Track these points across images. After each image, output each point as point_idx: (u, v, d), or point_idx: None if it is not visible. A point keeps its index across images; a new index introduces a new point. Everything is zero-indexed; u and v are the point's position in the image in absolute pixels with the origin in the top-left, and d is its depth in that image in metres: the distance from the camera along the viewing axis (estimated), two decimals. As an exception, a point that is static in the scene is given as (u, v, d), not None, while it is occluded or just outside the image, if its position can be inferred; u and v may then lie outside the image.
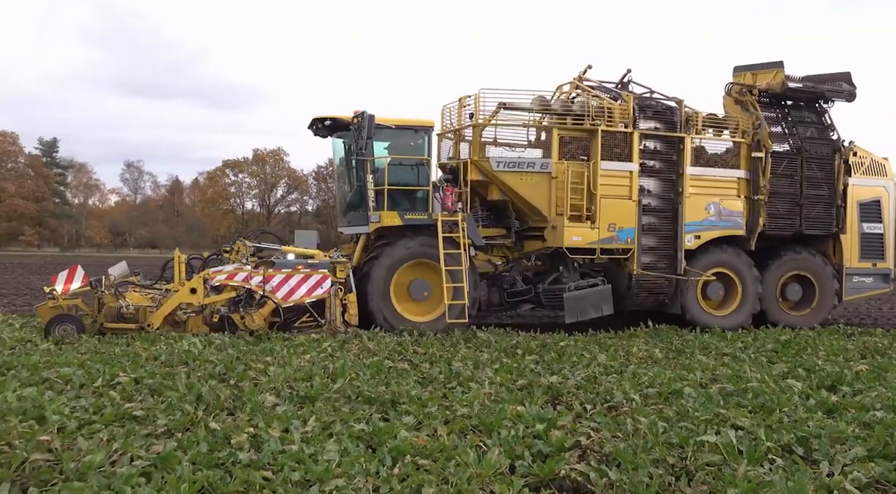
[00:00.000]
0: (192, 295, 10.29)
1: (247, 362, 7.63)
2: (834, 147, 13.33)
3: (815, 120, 13.59)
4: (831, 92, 13.38)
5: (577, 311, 11.84)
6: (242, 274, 10.55)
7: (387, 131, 11.85)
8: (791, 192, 13.00)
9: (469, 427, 5.22)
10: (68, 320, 9.76)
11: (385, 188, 11.49)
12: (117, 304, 10.02)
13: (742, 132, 12.90)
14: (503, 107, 11.86)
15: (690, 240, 12.36)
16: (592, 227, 11.78)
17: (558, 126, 12.06)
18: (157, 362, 7.54)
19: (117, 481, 3.85)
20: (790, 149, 13.12)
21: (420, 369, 7.62)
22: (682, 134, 12.41)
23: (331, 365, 7.50)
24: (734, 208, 12.65)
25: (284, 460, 4.23)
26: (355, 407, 5.78)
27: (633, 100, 12.34)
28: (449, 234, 11.40)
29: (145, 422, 5.13)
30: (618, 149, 12.11)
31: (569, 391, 6.51)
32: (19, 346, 8.53)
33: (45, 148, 72.58)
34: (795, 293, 13.14)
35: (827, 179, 13.16)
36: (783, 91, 13.03)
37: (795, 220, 12.99)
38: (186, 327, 10.29)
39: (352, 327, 10.81)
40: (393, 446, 4.52)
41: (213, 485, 3.89)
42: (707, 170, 12.73)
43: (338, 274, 11.00)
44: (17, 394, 5.65)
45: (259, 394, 6.00)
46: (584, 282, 12.15)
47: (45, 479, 4.01)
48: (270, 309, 10.54)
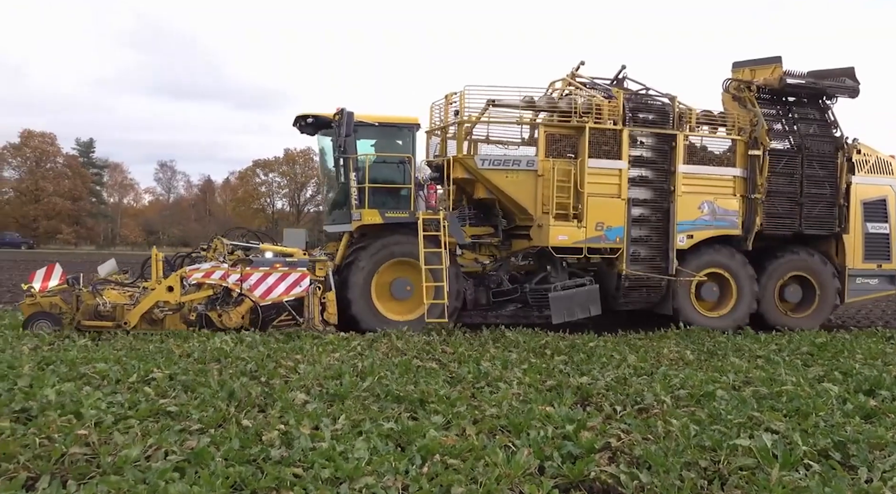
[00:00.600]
0: (168, 294, 10.21)
1: (277, 360, 7.71)
2: (836, 144, 12.99)
3: (817, 117, 13.24)
4: (833, 88, 13.01)
5: (564, 311, 11.71)
6: (219, 273, 10.49)
7: (371, 129, 11.77)
8: (790, 191, 12.71)
9: (498, 427, 5.21)
10: (45, 317, 9.93)
11: (366, 186, 11.36)
12: (94, 302, 10.05)
13: (738, 129, 12.62)
14: (492, 104, 11.75)
15: (682, 240, 12.13)
16: (579, 226, 11.61)
17: (545, 123, 11.99)
18: (190, 359, 7.66)
19: (152, 475, 3.92)
20: (790, 146, 12.84)
21: (448, 368, 7.62)
22: (675, 131, 12.15)
23: (360, 364, 7.54)
24: (729, 207, 12.41)
25: (315, 457, 4.27)
26: (384, 405, 5.81)
27: (623, 97, 12.10)
28: (430, 233, 11.23)
29: (179, 418, 5.21)
30: (607, 147, 11.89)
31: (598, 392, 6.45)
32: (58, 342, 8.74)
33: (82, 148, 74.34)
34: (795, 294, 12.89)
35: (829, 178, 12.84)
36: (781, 87, 12.73)
37: (795, 220, 12.71)
38: (163, 325, 10.24)
39: (330, 326, 10.71)
40: (422, 445, 4.53)
41: (244, 481, 3.94)
42: (701, 168, 12.43)
43: (317, 272, 10.94)
44: (56, 389, 5.78)
45: (289, 392, 6.06)
46: (570, 282, 12.05)
47: (83, 472, 4.10)
48: (248, 307, 10.48)
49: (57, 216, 66.49)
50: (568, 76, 12.99)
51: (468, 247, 12.33)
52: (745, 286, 12.46)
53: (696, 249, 12.32)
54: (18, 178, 68.64)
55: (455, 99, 11.84)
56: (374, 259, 11.24)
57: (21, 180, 68.21)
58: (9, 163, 68.98)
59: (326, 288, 10.87)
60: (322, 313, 10.73)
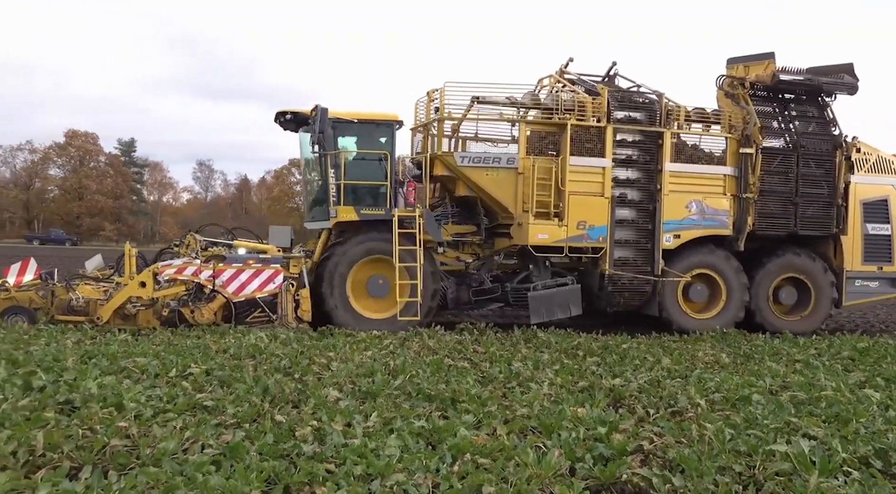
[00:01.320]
0: (141, 289, 10.25)
1: (310, 357, 7.81)
2: (834, 143, 12.59)
3: (815, 114, 12.86)
4: (830, 84, 12.57)
5: (543, 311, 11.55)
6: (191, 269, 10.51)
7: (350, 126, 11.69)
8: (785, 191, 12.36)
9: (529, 427, 5.20)
10: (20, 311, 10.14)
11: (341, 183, 11.30)
12: (67, 297, 10.25)
13: (729, 127, 12.32)
14: (477, 101, 11.56)
15: (669, 240, 11.87)
16: (560, 225, 11.40)
17: (526, 120, 11.81)
18: (226, 355, 7.80)
19: (189, 468, 4.01)
20: (785, 144, 12.49)
21: (480, 368, 7.63)
22: (661, 129, 11.86)
23: (392, 362, 7.60)
24: (719, 206, 12.10)
25: (347, 453, 4.32)
26: (415, 403, 5.85)
27: (607, 94, 11.82)
28: (405, 230, 11.11)
29: (215, 412, 5.32)
30: (589, 145, 11.65)
31: (631, 394, 6.40)
32: (99, 336, 8.99)
33: (123, 148, 76.34)
34: (789, 296, 12.58)
35: (826, 177, 12.46)
36: (774, 83, 12.37)
37: (790, 220, 12.34)
38: (136, 320, 10.34)
39: (304, 323, 10.67)
40: (452, 444, 4.55)
41: (278, 476, 4.01)
42: (689, 167, 12.11)
43: (291, 269, 11.00)
44: (98, 382, 5.95)
45: (322, 389, 6.14)
46: (551, 282, 11.86)
47: (123, 463, 4.22)
48: (220, 303, 10.51)
49: (99, 213, 68.39)
50: (556, 73, 12.85)
51: (452, 245, 12.33)
52: (734, 287, 12.19)
53: (684, 249, 12.06)
54: (63, 177, 70.80)
55: (436, 95, 11.66)
56: (350, 255, 11.20)
57: (65, 178, 70.38)
58: (54, 162, 71.28)
59: (300, 284, 10.85)
60: (296, 310, 10.69)
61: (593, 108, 11.72)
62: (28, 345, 7.91)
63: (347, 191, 11.41)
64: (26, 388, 5.77)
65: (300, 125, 12.13)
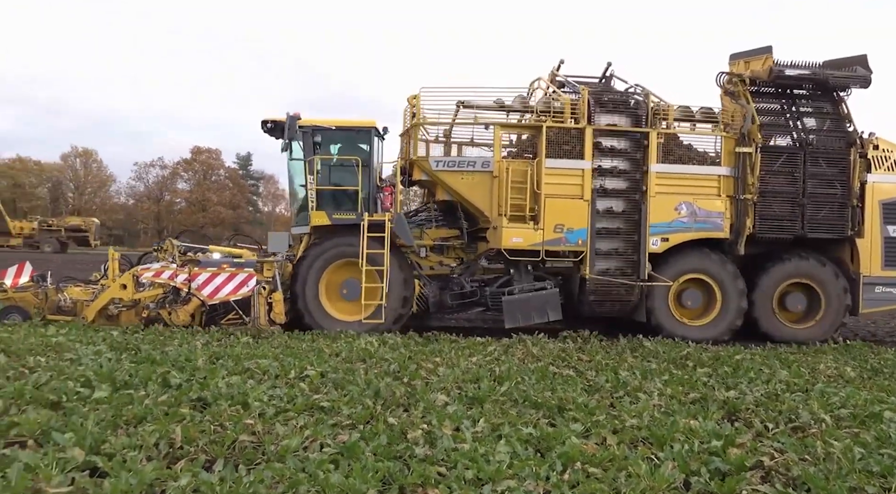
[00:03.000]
0: (122, 291, 10.81)
1: (418, 362, 8.02)
2: (848, 140, 11.69)
3: (829, 110, 11.99)
4: (838, 77, 11.70)
5: (519, 316, 11.27)
6: (168, 272, 10.95)
7: (329, 133, 11.81)
8: (790, 191, 11.57)
9: (639, 438, 5.12)
10: (16, 311, 10.92)
11: (314, 188, 11.48)
12: (57, 298, 10.94)
13: (724, 125, 11.71)
14: (462, 105, 11.49)
15: (656, 243, 11.33)
16: (536, 228, 11.10)
17: (501, 123, 11.55)
18: (338, 358, 8.16)
19: (310, 465, 4.25)
20: (792, 142, 11.75)
21: (585, 376, 7.55)
22: (647, 129, 11.36)
23: (497, 369, 7.67)
24: (712, 208, 11.47)
25: (457, 457, 4.43)
26: (522, 410, 5.89)
27: (588, 95, 11.41)
28: (374, 234, 11.15)
29: (331, 413, 5.58)
30: (568, 146, 11.30)
31: (747, 407, 6.14)
32: (225, 339, 9.63)
33: (241, 162, 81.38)
34: (796, 303, 11.74)
35: (839, 176, 11.59)
36: (772, 78, 11.62)
37: (796, 223, 11.55)
38: (119, 320, 10.82)
39: (276, 326, 10.87)
40: (562, 452, 4.56)
41: (392, 476, 4.17)
42: (678, 167, 11.55)
43: (264, 273, 11.19)
44: (226, 381, 6.41)
45: (430, 393, 6.30)
46: (528, 286, 11.50)
47: (250, 458, 4.53)
48: (196, 305, 10.88)
49: (221, 223, 73.04)
50: (549, 75, 12.51)
51: (436, 249, 12.26)
52: (730, 293, 11.53)
53: (674, 253, 11.52)
54: (189, 190, 76.23)
55: (416, 101, 11.63)
56: (323, 258, 11.35)
57: (191, 191, 75.71)
58: (181, 176, 76.91)
59: (273, 288, 11.08)
60: (269, 313, 10.96)
61: (572, 110, 11.46)
62: (164, 346, 8.63)
63: (323, 197, 11.66)
64: (164, 385, 6.30)
65: (281, 132, 12.27)
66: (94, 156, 77.54)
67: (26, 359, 7.37)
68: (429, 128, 11.93)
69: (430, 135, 12.11)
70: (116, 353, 7.94)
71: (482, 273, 12.43)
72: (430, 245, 12.19)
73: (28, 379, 6.28)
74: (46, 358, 7.53)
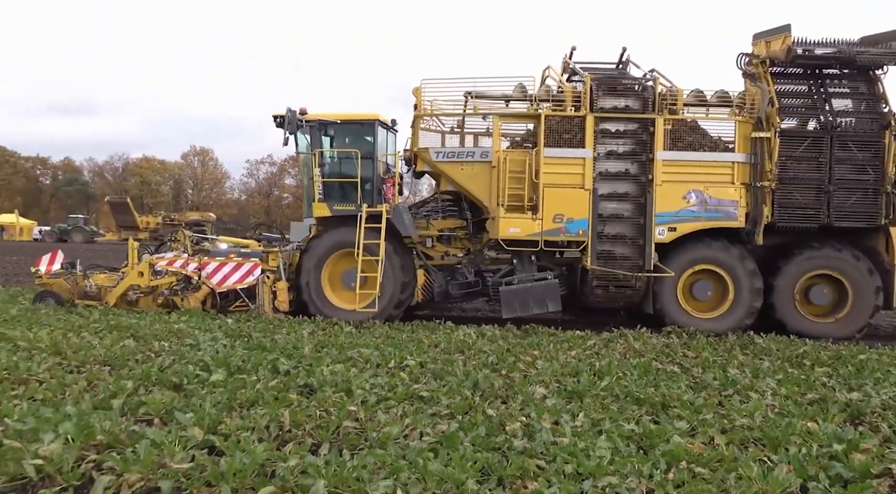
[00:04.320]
0: (139, 278, 11.54)
1: (516, 354, 8.00)
2: (882, 122, 10.84)
3: (866, 90, 11.14)
4: (864, 54, 10.72)
5: (517, 306, 11.10)
6: (180, 261, 11.64)
7: (333, 126, 12.11)
8: (814, 178, 10.89)
9: (750, 439, 4.87)
10: (50, 295, 11.80)
11: (318, 181, 11.79)
12: (84, 284, 11.72)
13: (738, 109, 11.14)
14: (470, 96, 11.39)
15: (663, 233, 10.92)
16: (534, 218, 10.92)
17: (499, 113, 11.35)
18: (437, 349, 8.28)
19: (411, 453, 4.34)
20: (818, 126, 10.99)
21: (691, 373, 7.27)
22: (652, 115, 10.89)
23: (597, 363, 7.52)
24: (725, 197, 10.97)
25: (556, 451, 4.38)
26: (624, 406, 5.75)
27: (591, 81, 11.03)
28: (372, 225, 11.28)
29: (430, 403, 5.67)
30: (568, 135, 11.01)
31: (873, 411, 5.69)
32: (329, 328, 9.99)
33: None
34: (821, 296, 11.11)
35: (871, 161, 10.83)
36: (789, 58, 10.81)
37: (820, 211, 10.86)
38: (138, 305, 11.56)
39: (280, 313, 11.33)
40: (666, 450, 4.41)
41: (491, 467, 4.18)
42: (687, 154, 10.99)
43: (269, 263, 11.69)
44: (330, 369, 6.65)
45: (529, 386, 6.26)
46: (528, 276, 11.31)
47: (354, 444, 4.68)
48: (205, 292, 11.49)
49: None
50: (562, 63, 12.13)
51: (442, 239, 12.24)
52: (743, 284, 11.02)
53: (684, 243, 11.05)
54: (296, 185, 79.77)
55: (425, 92, 11.54)
56: (325, 248, 11.63)
57: (297, 186, 79.13)
58: (289, 173, 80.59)
59: (277, 277, 11.55)
60: (273, 301, 11.44)
61: (573, 97, 11.12)
62: (273, 334, 9.07)
63: (327, 188, 11.95)
64: (274, 371, 6.63)
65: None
66: (210, 154, 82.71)
67: (152, 344, 7.98)
68: (443, 119, 12.05)
69: (446, 126, 12.22)
70: (231, 340, 8.44)
71: (489, 263, 12.36)
72: (435, 235, 12.24)
73: (154, 363, 6.80)
74: (169, 343, 8.12)
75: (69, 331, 8.72)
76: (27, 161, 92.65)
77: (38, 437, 4.37)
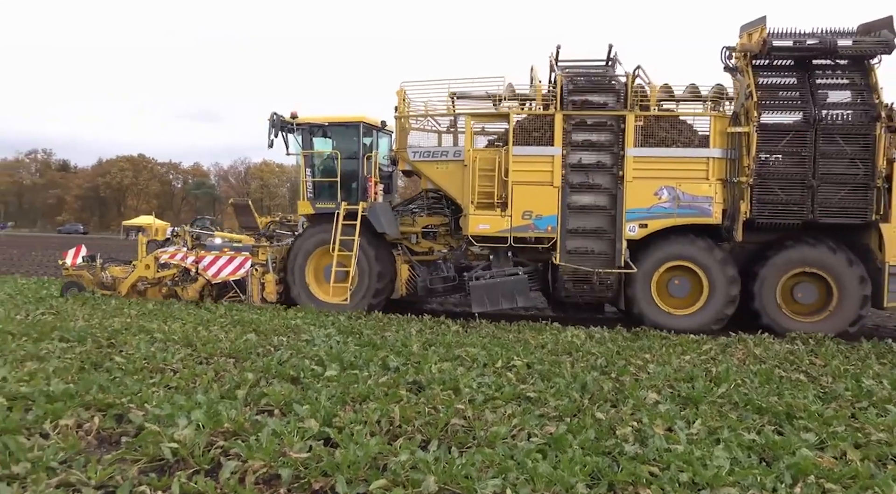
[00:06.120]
0: (146, 270, 12.76)
1: (626, 357, 7.79)
2: (872, 113, 10.23)
3: (859, 81, 10.50)
4: (846, 44, 10.13)
5: (486, 301, 11.14)
6: (180, 255, 12.72)
7: (322, 128, 12.74)
8: (795, 172, 10.42)
9: (889, 455, 4.48)
10: (74, 285, 12.93)
11: (305, 180, 12.63)
12: (101, 275, 12.93)
13: (713, 104, 10.89)
14: (455, 96, 11.60)
15: (633, 229, 10.81)
16: (503, 215, 11.04)
17: (471, 113, 11.51)
18: (544, 350, 8.20)
19: (519, 453, 4.33)
20: (804, 119, 10.40)
21: (819, 382, 6.79)
22: (622, 112, 10.78)
23: (713, 369, 7.19)
24: (699, 193, 10.72)
25: (671, 459, 4.23)
26: (743, 414, 5.45)
27: (561, 80, 11.01)
28: (349, 222, 11.91)
29: (537, 404, 5.64)
30: (538, 133, 11.04)
31: None
32: (437, 326, 10.15)
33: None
34: (805, 294, 10.70)
35: (861, 154, 10.29)
36: (764, 51, 10.35)
37: (803, 207, 10.40)
38: (146, 295, 12.70)
39: (268, 303, 12.13)
40: (792, 462, 4.14)
41: (601, 472, 4.10)
42: (658, 151, 10.77)
43: (259, 256, 12.63)
44: (438, 367, 6.76)
45: (640, 390, 6.08)
46: (499, 272, 11.36)
47: (462, 442, 4.73)
48: (202, 283, 12.56)
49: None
50: (549, 62, 11.87)
51: (426, 236, 12.55)
52: (718, 281, 10.75)
53: (657, 240, 10.89)
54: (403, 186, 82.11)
55: (408, 94, 11.90)
56: (309, 244, 12.37)
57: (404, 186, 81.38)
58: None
59: (266, 270, 12.42)
60: (262, 291, 12.32)
61: (543, 96, 11.17)
62: (383, 331, 9.33)
63: (313, 187, 12.71)
64: (384, 368, 6.83)
65: (280, 129, 13.07)
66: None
67: (271, 338, 8.44)
68: (438, 119, 12.48)
69: (440, 126, 12.64)
70: (343, 336, 8.76)
71: (473, 259, 12.44)
72: (419, 232, 12.59)
73: (273, 356, 7.18)
74: (287, 338, 8.55)
75: (199, 325, 9.39)
76: (162, 166, 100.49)
77: (173, 422, 4.74)
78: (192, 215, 78.86)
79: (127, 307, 11.14)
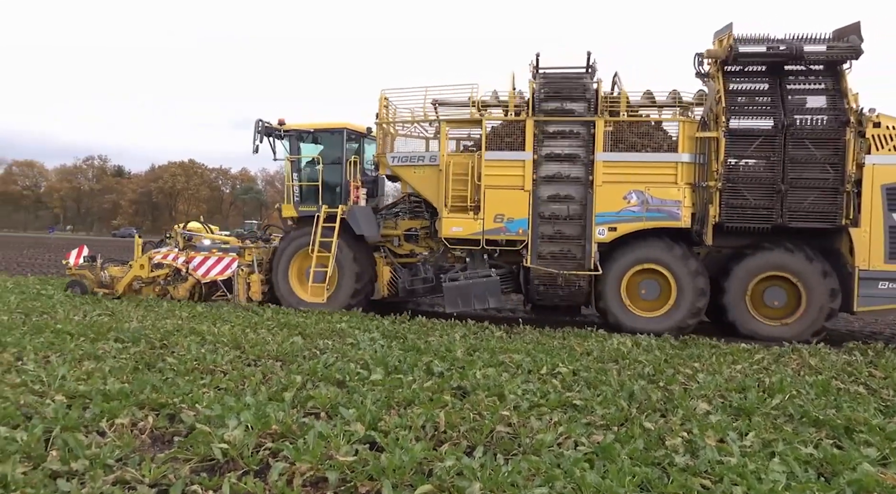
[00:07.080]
0: (141, 270, 13.30)
1: (675, 366, 7.63)
2: (842, 118, 10.27)
3: (831, 87, 10.50)
4: (826, 51, 10.13)
5: (459, 301, 11.45)
6: (171, 255, 13.23)
7: (308, 134, 13.18)
8: (764, 177, 10.50)
9: (958, 474, 4.26)
10: (76, 284, 13.40)
11: (290, 185, 13.14)
12: (100, 275, 13.40)
13: (683, 109, 11.17)
14: (438, 104, 11.93)
15: (603, 233, 11.02)
16: (476, 218, 11.39)
17: (447, 120, 11.86)
18: (590, 357, 8.09)
19: (565, 462, 4.26)
20: (774, 124, 10.45)
21: (880, 395, 6.53)
22: (591, 117, 11.01)
23: (766, 379, 6.97)
24: (667, 197, 10.86)
25: (723, 471, 4.11)
26: (799, 427, 5.27)
27: (533, 86, 11.23)
28: (329, 225, 12.40)
29: (584, 412, 5.55)
30: (510, 138, 11.34)
31: None
32: (480, 332, 10.13)
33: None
34: (774, 298, 10.79)
35: (831, 158, 10.34)
36: (731, 57, 10.41)
37: (773, 211, 10.47)
38: (142, 293, 13.23)
39: (253, 302, 12.59)
40: (852, 479, 3.98)
41: (650, 483, 4.01)
42: (628, 156, 10.96)
43: (245, 257, 13.07)
44: (482, 373, 6.73)
45: (690, 400, 5.94)
46: (473, 273, 11.65)
47: (507, 448, 4.69)
48: (192, 283, 13.14)
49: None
50: (530, 68, 11.85)
51: (409, 238, 12.83)
52: (685, 284, 10.88)
53: (627, 243, 11.07)
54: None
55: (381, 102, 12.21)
56: (292, 246, 12.84)
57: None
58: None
59: (251, 270, 12.93)
60: (247, 291, 12.79)
61: (515, 102, 11.42)
62: (427, 336, 9.35)
63: (298, 191, 13.19)
64: (428, 372, 6.83)
65: (269, 134, 13.46)
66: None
67: (317, 342, 8.54)
68: (425, 125, 12.90)
69: (428, 132, 13.05)
70: (388, 340, 8.81)
71: (453, 261, 12.49)
72: (402, 234, 12.87)
73: (319, 360, 7.26)
74: (332, 341, 8.64)
75: (247, 327, 9.57)
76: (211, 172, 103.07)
77: (223, 423, 4.83)
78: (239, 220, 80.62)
79: (178, 309, 11.44)
